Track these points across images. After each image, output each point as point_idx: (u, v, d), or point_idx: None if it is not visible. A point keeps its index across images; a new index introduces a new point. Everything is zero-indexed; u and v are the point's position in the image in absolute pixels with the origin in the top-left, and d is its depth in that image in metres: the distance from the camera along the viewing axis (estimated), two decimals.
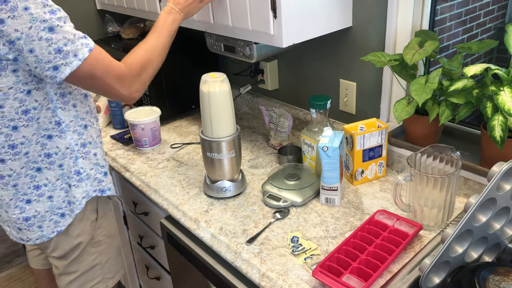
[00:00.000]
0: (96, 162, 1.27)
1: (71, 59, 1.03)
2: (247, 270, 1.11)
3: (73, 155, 1.21)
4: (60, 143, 1.18)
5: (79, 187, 1.23)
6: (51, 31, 1.00)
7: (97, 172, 1.27)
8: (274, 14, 1.23)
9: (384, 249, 1.07)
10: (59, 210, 1.22)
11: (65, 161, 1.20)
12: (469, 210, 0.89)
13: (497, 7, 2.14)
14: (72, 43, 1.03)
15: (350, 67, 1.51)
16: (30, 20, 0.98)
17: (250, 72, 1.86)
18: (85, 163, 1.24)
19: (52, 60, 1.02)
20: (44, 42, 1.00)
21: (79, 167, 1.23)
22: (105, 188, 1.30)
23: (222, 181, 1.35)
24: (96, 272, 1.35)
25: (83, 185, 1.24)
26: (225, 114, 1.27)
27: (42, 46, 1.00)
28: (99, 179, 1.28)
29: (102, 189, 1.29)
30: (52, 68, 1.03)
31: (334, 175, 1.25)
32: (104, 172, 1.29)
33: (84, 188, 1.24)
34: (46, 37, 1.00)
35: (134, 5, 1.84)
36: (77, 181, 1.23)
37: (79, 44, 1.04)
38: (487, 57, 1.93)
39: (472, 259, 1.00)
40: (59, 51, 1.02)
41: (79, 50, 1.04)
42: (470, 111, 1.20)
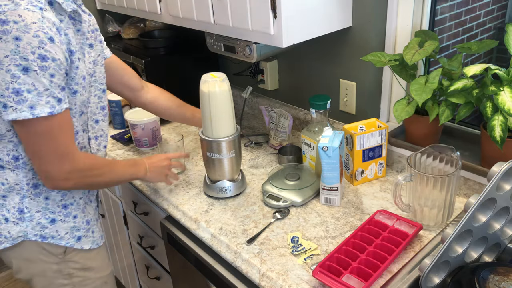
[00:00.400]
0: (45, 206, 1.15)
1: (23, 107, 0.95)
2: (247, 270, 1.11)
3: (21, 193, 1.12)
4: (10, 176, 1.10)
5: (17, 225, 1.14)
6: (24, 71, 0.93)
7: (43, 217, 1.15)
8: (274, 14, 1.23)
9: (384, 249, 1.07)
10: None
11: (11, 195, 1.12)
12: (469, 210, 0.89)
13: (497, 7, 2.14)
14: (37, 95, 0.95)
15: (350, 67, 1.51)
16: (11, 50, 0.91)
17: (250, 72, 1.86)
18: (32, 203, 1.14)
19: (6, 96, 0.94)
20: (9, 76, 0.93)
21: (24, 206, 1.13)
22: (48, 235, 1.17)
23: (222, 181, 1.35)
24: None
25: (24, 225, 1.14)
26: (225, 114, 1.27)
27: (4, 79, 0.93)
28: (43, 224, 1.16)
29: (44, 235, 1.16)
30: (1, 104, 0.95)
31: (334, 175, 1.25)
32: (52, 219, 1.17)
33: (23, 228, 1.14)
34: (14, 74, 0.92)
35: (134, 5, 1.84)
36: (16, 219, 1.14)
37: (44, 101, 0.96)
38: (487, 57, 1.93)
39: (472, 259, 1.00)
40: (17, 93, 0.94)
41: (39, 105, 0.95)
42: (470, 111, 1.20)
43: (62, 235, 1.19)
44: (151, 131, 1.69)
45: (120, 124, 1.90)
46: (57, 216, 1.18)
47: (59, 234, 1.19)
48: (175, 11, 1.60)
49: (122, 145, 1.77)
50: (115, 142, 1.81)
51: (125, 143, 1.78)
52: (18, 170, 1.11)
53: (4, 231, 1.14)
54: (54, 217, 1.17)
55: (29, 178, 1.12)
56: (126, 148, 1.75)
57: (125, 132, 1.84)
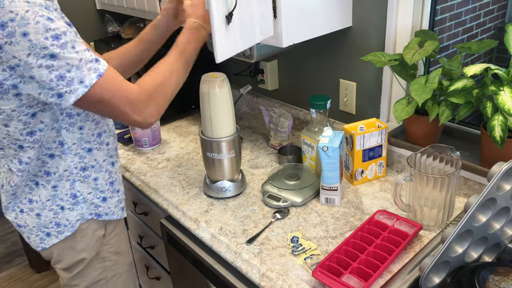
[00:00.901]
0: (95, 186, 1.21)
1: (76, 86, 0.97)
2: (247, 270, 1.11)
3: (71, 177, 1.17)
4: (59, 164, 1.14)
5: (73, 210, 1.19)
6: (52, 58, 0.94)
7: (95, 197, 1.22)
8: (274, 14, 1.23)
9: (384, 249, 1.07)
10: (45, 229, 1.19)
11: (61, 183, 1.16)
12: (469, 210, 0.89)
13: (497, 7, 2.14)
14: (77, 69, 0.96)
15: (350, 67, 1.51)
16: (29, 47, 0.92)
17: (250, 72, 1.86)
18: (83, 186, 1.19)
19: (55, 87, 0.96)
20: (45, 69, 0.94)
21: (76, 190, 1.18)
22: (102, 212, 1.24)
23: (222, 181, 1.35)
24: (99, 287, 1.32)
25: (79, 208, 1.20)
26: (225, 114, 1.27)
27: (43, 74, 0.94)
28: (96, 204, 1.22)
29: (98, 213, 1.23)
30: (56, 95, 0.97)
31: (334, 175, 1.25)
32: (103, 198, 1.23)
33: (79, 211, 1.20)
34: (47, 64, 0.94)
35: (134, 5, 1.84)
36: (72, 204, 1.19)
37: (86, 70, 0.97)
38: (487, 57, 1.93)
39: (472, 259, 1.00)
40: (62, 78, 0.96)
41: (86, 76, 0.97)
42: (470, 111, 1.20)
43: (113, 209, 1.27)
44: (151, 131, 1.69)
45: (120, 124, 1.90)
46: (107, 194, 1.24)
47: (111, 209, 1.26)
48: None
49: (122, 145, 1.77)
50: None
51: (125, 143, 1.78)
52: (65, 155, 1.14)
53: (62, 220, 1.18)
54: (105, 195, 1.24)
55: (76, 162, 1.16)
56: (126, 148, 1.75)
57: (125, 132, 1.84)
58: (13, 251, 2.75)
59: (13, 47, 0.91)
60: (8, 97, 0.98)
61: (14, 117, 1.02)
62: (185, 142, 1.77)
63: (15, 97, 0.99)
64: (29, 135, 1.07)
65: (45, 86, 0.96)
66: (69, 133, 1.12)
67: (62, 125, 1.10)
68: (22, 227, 1.20)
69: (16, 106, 1.01)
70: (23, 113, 1.03)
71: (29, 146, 1.08)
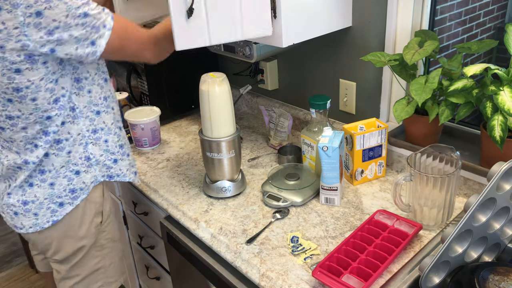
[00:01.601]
0: (106, 148, 1.26)
1: (102, 30, 1.08)
2: (247, 270, 1.11)
3: (83, 141, 1.21)
4: (72, 128, 1.18)
5: (88, 173, 1.24)
6: (85, 16, 1.04)
7: (107, 159, 1.27)
8: (274, 14, 1.23)
9: (384, 249, 1.07)
10: (58, 199, 1.21)
11: (75, 147, 1.20)
12: (469, 210, 0.89)
13: (496, 7, 2.14)
14: (98, 19, 1.07)
15: (350, 67, 1.51)
16: (66, 9, 1.01)
17: (250, 72, 1.86)
18: (95, 149, 1.24)
19: (89, 36, 1.06)
20: (80, 26, 1.04)
21: (89, 152, 1.23)
22: (113, 174, 1.29)
23: (222, 181, 1.35)
24: (98, 276, 1.34)
25: (92, 170, 1.24)
26: (225, 114, 1.27)
27: (79, 29, 1.04)
28: (108, 165, 1.27)
29: (110, 175, 1.29)
30: (90, 44, 1.07)
31: (334, 175, 1.25)
32: (114, 159, 1.29)
33: (93, 173, 1.25)
34: (82, 22, 1.04)
35: None
36: (87, 167, 1.23)
37: (104, 15, 1.08)
38: (487, 57, 1.93)
39: (472, 259, 1.00)
40: (93, 28, 1.06)
41: (106, 20, 1.08)
42: (470, 111, 1.20)
43: (124, 172, 1.32)
44: (151, 131, 1.69)
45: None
46: (117, 156, 1.29)
47: (122, 171, 1.31)
48: None
49: None
50: None
51: None
52: (77, 119, 1.19)
53: (78, 184, 1.23)
54: (115, 157, 1.29)
55: (88, 125, 1.21)
56: None
57: None
58: (13, 251, 2.75)
59: (52, 11, 0.99)
60: (37, 66, 1.05)
61: (41, 86, 1.08)
62: (185, 142, 1.77)
63: (43, 65, 1.06)
64: (55, 102, 1.12)
65: (81, 38, 1.05)
66: (79, 97, 1.18)
67: (72, 91, 1.16)
68: (30, 203, 1.19)
69: (44, 74, 1.07)
70: (49, 80, 1.09)
71: (56, 114, 1.13)
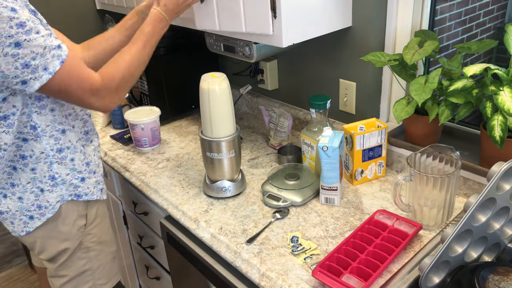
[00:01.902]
0: (72, 167, 1.23)
1: (40, 73, 1.00)
2: (247, 270, 1.11)
3: (48, 160, 1.18)
4: (35, 147, 1.15)
5: (53, 192, 1.21)
6: (17, 46, 0.96)
7: (73, 178, 1.23)
8: (274, 14, 1.23)
9: (384, 249, 1.07)
10: (28, 212, 1.21)
11: (39, 165, 1.18)
12: (468, 210, 0.89)
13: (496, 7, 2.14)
14: (42, 57, 1.00)
15: (350, 67, 1.51)
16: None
17: (250, 72, 1.86)
18: (61, 168, 1.21)
19: (20, 75, 0.99)
20: (10, 58, 0.97)
21: (54, 172, 1.20)
22: (81, 193, 1.26)
23: (221, 181, 1.35)
24: (86, 278, 1.33)
25: (58, 189, 1.21)
26: (225, 114, 1.27)
27: (8, 62, 0.97)
28: (75, 184, 1.24)
29: (78, 194, 1.25)
30: (20, 82, 1.00)
31: (333, 175, 1.25)
32: (81, 178, 1.25)
33: (59, 192, 1.22)
34: (12, 53, 0.96)
35: (134, 5, 1.84)
36: (51, 186, 1.20)
37: (50, 57, 1.01)
38: (487, 57, 1.92)
39: (472, 259, 1.00)
40: (27, 66, 0.99)
41: (50, 63, 1.01)
42: (469, 111, 1.20)
43: (92, 190, 1.28)
44: (151, 131, 1.69)
45: (120, 124, 1.90)
46: (84, 174, 1.26)
47: (90, 189, 1.28)
48: None
49: (122, 145, 1.77)
50: (115, 142, 1.81)
51: (125, 143, 1.78)
52: (39, 138, 1.15)
53: (43, 202, 1.21)
54: (83, 176, 1.26)
55: (52, 144, 1.18)
56: (126, 148, 1.75)
57: (124, 132, 1.85)
58: (13, 251, 2.75)
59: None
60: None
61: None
62: (185, 142, 1.77)
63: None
64: (3, 120, 1.09)
65: (9, 74, 0.99)
66: (41, 116, 1.14)
67: (32, 109, 1.12)
68: (5, 213, 1.21)
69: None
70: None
71: (4, 131, 1.10)
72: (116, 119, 1.90)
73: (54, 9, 2.09)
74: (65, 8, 2.12)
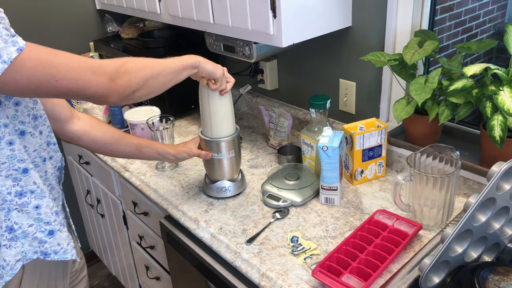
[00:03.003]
0: (37, 217, 0.98)
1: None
2: (246, 270, 1.11)
3: (5, 206, 0.94)
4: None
5: (11, 248, 0.96)
6: None
7: (38, 230, 0.98)
8: (273, 14, 1.23)
9: (384, 249, 1.07)
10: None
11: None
12: (468, 210, 0.89)
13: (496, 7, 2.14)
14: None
15: (350, 67, 1.51)
16: None
17: (250, 72, 1.86)
18: (21, 217, 0.96)
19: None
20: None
21: (12, 222, 0.95)
22: (50, 250, 1.01)
23: (221, 181, 1.35)
24: None
25: (18, 245, 0.97)
26: (225, 114, 1.27)
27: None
28: (40, 239, 0.99)
29: (45, 251, 1.00)
30: None
31: (333, 175, 1.25)
32: (50, 231, 1.00)
33: (20, 249, 0.97)
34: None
35: (134, 5, 1.84)
36: (8, 240, 0.96)
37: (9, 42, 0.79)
38: (487, 57, 1.92)
39: (472, 259, 1.00)
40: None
41: (3, 49, 0.79)
42: (469, 111, 1.20)
43: (65, 247, 1.03)
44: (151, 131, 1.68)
45: (120, 124, 1.90)
46: (54, 226, 1.01)
47: (62, 246, 1.03)
48: (174, 11, 1.60)
49: None
50: None
51: None
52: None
53: (1, 261, 0.96)
54: (51, 228, 1.01)
55: (9, 186, 0.95)
56: None
57: None
58: None
59: None
60: None
61: None
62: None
63: None
64: None
65: None
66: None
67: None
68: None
69: None
70: None
71: None
72: (116, 119, 1.90)
73: (54, 9, 2.09)
74: (65, 8, 2.12)
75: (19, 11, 2.00)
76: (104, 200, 1.97)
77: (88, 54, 2.16)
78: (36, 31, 2.06)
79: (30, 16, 2.04)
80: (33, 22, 2.05)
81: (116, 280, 2.48)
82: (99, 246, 2.38)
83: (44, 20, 2.08)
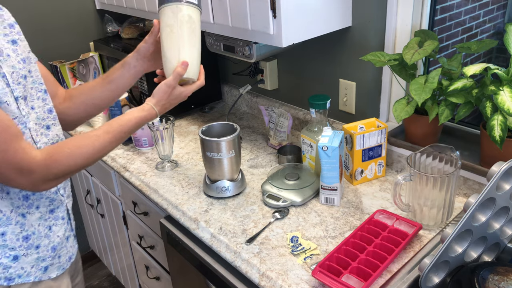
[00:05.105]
0: (2, 243, 1.00)
1: None
2: (246, 270, 1.11)
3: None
4: None
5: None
6: None
7: (3, 256, 1.01)
8: (273, 14, 1.23)
9: (384, 249, 1.07)
10: None
11: None
12: (468, 210, 0.89)
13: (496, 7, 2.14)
14: None
15: (350, 66, 1.51)
16: None
17: (250, 72, 1.86)
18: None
19: None
20: None
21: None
22: (13, 275, 1.03)
23: (221, 180, 1.35)
24: None
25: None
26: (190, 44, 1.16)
27: None
28: (5, 264, 1.01)
29: (9, 277, 1.02)
30: None
31: (333, 174, 1.25)
32: (14, 256, 1.02)
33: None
34: None
35: (134, 5, 1.84)
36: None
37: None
38: (487, 57, 1.92)
39: (472, 259, 1.00)
40: None
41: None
42: (469, 111, 1.20)
43: (28, 270, 1.06)
44: (151, 131, 1.68)
45: None
46: (19, 252, 1.03)
47: (25, 270, 1.05)
48: None
49: (122, 145, 1.77)
50: None
51: (125, 143, 1.78)
52: None
53: None
54: (16, 253, 1.03)
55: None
56: (125, 148, 1.75)
57: None
58: None
59: None
60: None
61: None
62: (185, 142, 1.77)
63: None
64: None
65: None
66: None
67: None
68: None
69: None
70: None
71: None
72: None
73: (54, 9, 2.09)
74: (65, 7, 2.12)
75: (19, 11, 2.00)
76: (104, 200, 1.97)
77: (88, 54, 2.16)
78: (36, 31, 2.06)
79: (30, 16, 2.04)
80: (33, 22, 2.05)
81: (116, 280, 2.48)
82: (99, 246, 2.38)
83: (44, 20, 2.08)
